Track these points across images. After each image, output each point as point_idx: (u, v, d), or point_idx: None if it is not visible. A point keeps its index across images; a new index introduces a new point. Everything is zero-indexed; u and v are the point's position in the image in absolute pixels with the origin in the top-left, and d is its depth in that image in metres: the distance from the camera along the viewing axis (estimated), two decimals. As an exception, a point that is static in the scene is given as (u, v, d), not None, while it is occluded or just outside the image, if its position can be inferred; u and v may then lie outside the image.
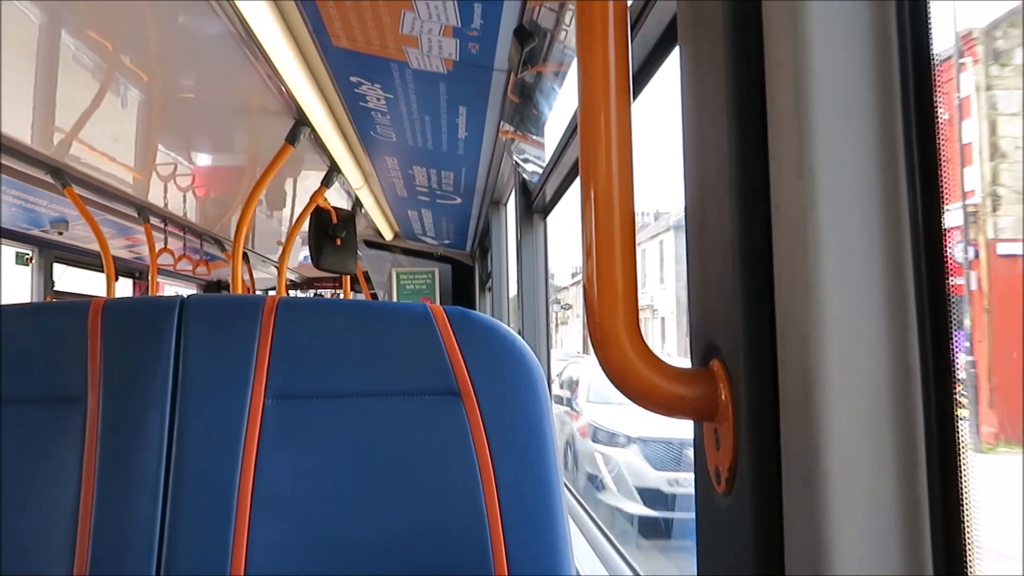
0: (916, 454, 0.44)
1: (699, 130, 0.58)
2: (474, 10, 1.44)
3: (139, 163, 2.76)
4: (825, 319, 0.44)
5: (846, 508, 0.44)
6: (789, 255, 0.48)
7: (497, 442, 0.81)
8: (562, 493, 0.84)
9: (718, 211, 0.53)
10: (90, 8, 1.55)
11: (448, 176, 2.97)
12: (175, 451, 0.79)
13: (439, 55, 1.69)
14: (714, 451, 0.54)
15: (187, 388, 0.81)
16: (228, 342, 0.82)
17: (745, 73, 0.51)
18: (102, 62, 1.83)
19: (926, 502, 0.44)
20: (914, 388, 0.44)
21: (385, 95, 2.04)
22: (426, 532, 0.80)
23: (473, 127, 2.27)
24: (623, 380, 0.53)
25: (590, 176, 0.54)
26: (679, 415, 0.54)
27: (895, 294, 0.45)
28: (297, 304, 0.86)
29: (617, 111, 0.54)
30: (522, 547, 0.80)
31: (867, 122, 0.46)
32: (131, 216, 3.27)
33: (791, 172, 0.47)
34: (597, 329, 0.54)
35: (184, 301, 0.85)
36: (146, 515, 0.77)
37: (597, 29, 0.55)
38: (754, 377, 0.49)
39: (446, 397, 0.82)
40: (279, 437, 0.81)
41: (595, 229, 0.54)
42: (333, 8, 1.51)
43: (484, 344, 0.84)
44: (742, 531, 0.50)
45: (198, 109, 2.30)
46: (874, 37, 0.46)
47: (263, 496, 0.79)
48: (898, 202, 0.45)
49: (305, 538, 0.79)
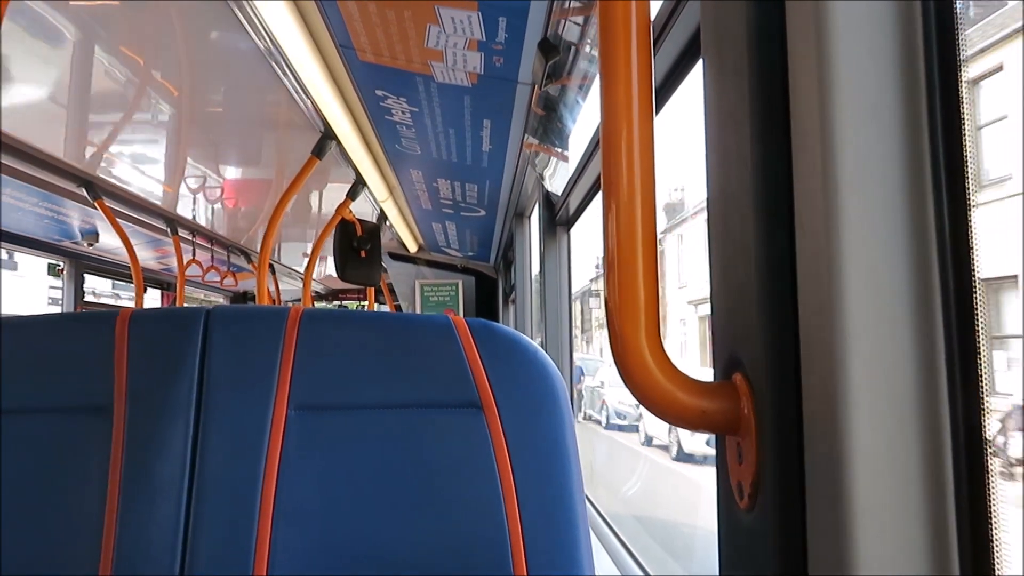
0: (943, 471, 0.43)
1: (722, 141, 0.57)
2: (499, 24, 1.45)
3: (169, 176, 2.80)
4: (849, 332, 0.44)
5: (872, 525, 0.43)
6: (813, 268, 0.47)
7: (519, 455, 0.81)
8: (584, 507, 0.83)
9: (741, 223, 0.53)
10: (123, 24, 1.58)
11: (472, 189, 2.99)
12: (198, 461, 0.80)
13: (464, 68, 1.70)
14: (736, 465, 0.54)
15: (211, 398, 0.82)
16: (252, 353, 0.83)
17: (769, 84, 0.51)
18: (134, 77, 1.86)
19: (954, 520, 0.43)
20: (941, 402, 0.43)
21: (410, 108, 2.06)
22: (446, 544, 0.80)
23: (497, 140, 2.28)
24: (644, 393, 0.53)
25: (612, 189, 0.54)
26: (702, 429, 0.54)
27: (921, 307, 0.44)
28: (320, 315, 0.87)
29: (640, 124, 0.54)
30: (543, 561, 0.79)
31: (892, 133, 0.45)
32: (160, 228, 3.32)
33: (815, 184, 0.47)
34: (618, 342, 0.53)
35: (209, 312, 0.86)
36: (168, 524, 0.78)
37: (620, 42, 0.55)
38: (777, 391, 0.49)
39: (468, 409, 0.82)
40: (301, 448, 0.81)
41: (617, 242, 0.54)
42: (359, 23, 1.53)
43: (506, 357, 0.84)
44: (765, 548, 0.50)
45: (227, 123, 2.34)
46: (899, 46, 0.45)
47: (285, 506, 0.80)
48: (924, 214, 0.45)
49: (326, 548, 0.79)
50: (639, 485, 7.14)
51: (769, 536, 0.49)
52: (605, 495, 5.63)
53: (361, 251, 2.88)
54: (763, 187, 0.51)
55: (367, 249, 2.87)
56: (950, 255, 0.44)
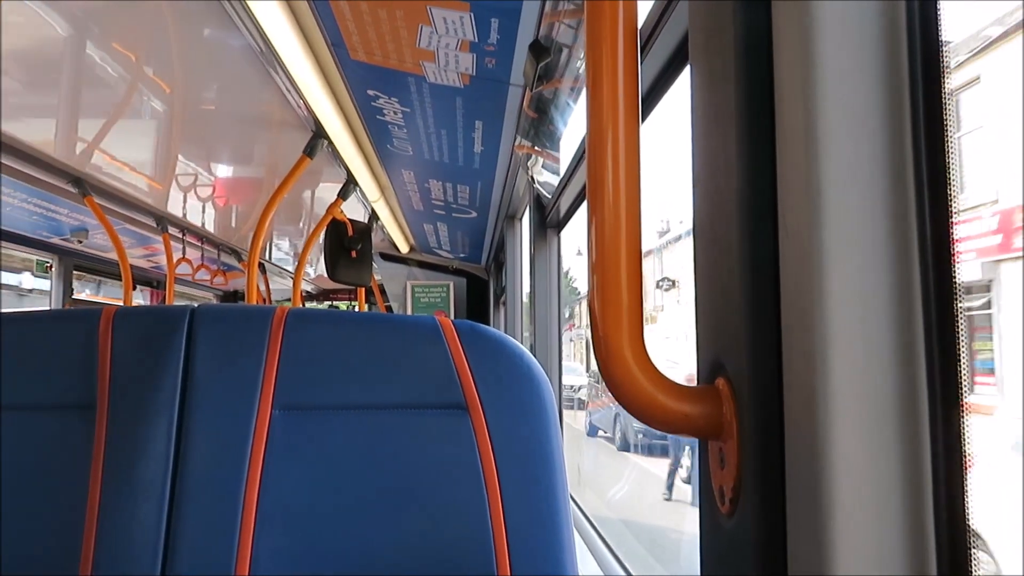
0: (923, 476, 0.43)
1: (709, 146, 0.58)
2: (491, 25, 1.45)
3: (159, 173, 2.79)
4: (831, 338, 0.44)
5: (851, 530, 0.43)
6: (796, 273, 0.47)
7: (503, 457, 0.81)
8: (568, 508, 0.83)
9: (726, 228, 0.53)
10: (115, 20, 1.57)
11: (464, 190, 2.99)
12: (181, 460, 0.79)
13: (456, 69, 1.70)
14: (719, 470, 0.54)
15: (195, 397, 0.81)
16: (237, 352, 0.83)
17: (755, 90, 0.51)
18: (125, 73, 1.85)
19: (931, 524, 0.43)
20: (921, 408, 0.44)
21: (402, 109, 2.05)
22: (431, 546, 0.79)
23: (489, 141, 2.28)
24: (627, 396, 0.53)
25: (597, 194, 0.54)
26: (684, 433, 0.54)
27: (903, 312, 0.44)
28: (307, 315, 0.86)
29: (626, 129, 0.54)
30: (527, 562, 0.79)
31: (876, 138, 0.45)
32: (150, 226, 3.30)
33: (799, 189, 0.47)
34: (602, 345, 0.53)
35: (194, 310, 0.85)
36: (150, 524, 0.78)
37: (607, 47, 0.55)
38: (760, 396, 0.49)
39: (453, 411, 0.82)
40: (286, 448, 0.81)
41: (601, 247, 0.54)
42: (351, 22, 1.52)
43: (492, 358, 0.83)
44: (746, 552, 0.50)
45: (218, 121, 2.33)
46: (884, 52, 0.46)
47: (268, 507, 0.79)
48: (906, 220, 0.45)
49: (310, 549, 0.79)
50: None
51: (750, 541, 0.49)
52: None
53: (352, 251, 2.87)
54: (748, 191, 0.51)
55: (358, 249, 2.87)
56: (932, 259, 0.44)
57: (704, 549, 0.57)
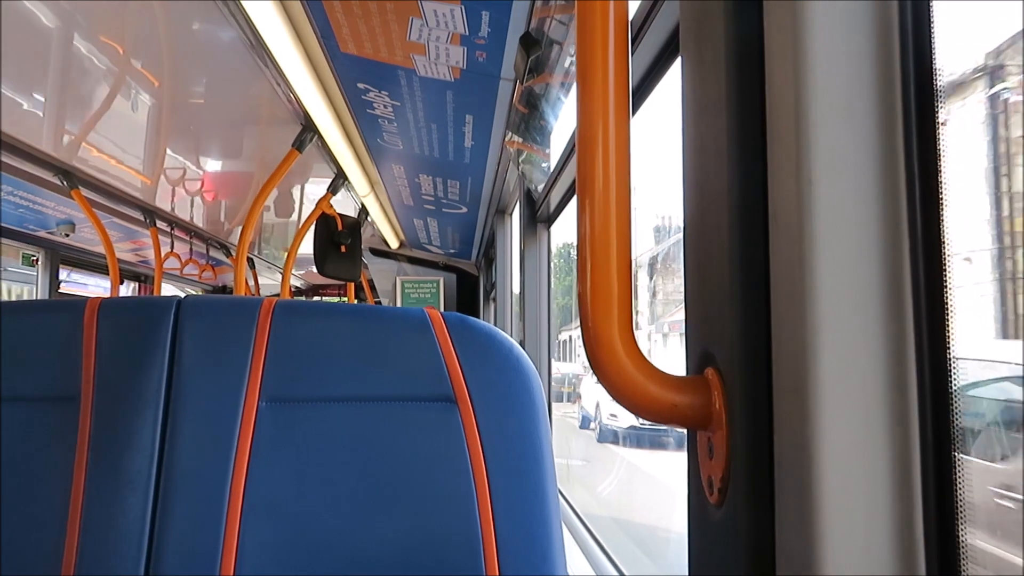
0: (911, 465, 0.43)
1: (699, 136, 0.57)
2: (482, 18, 1.44)
3: (147, 167, 2.77)
4: (820, 328, 0.44)
5: (839, 519, 0.43)
6: (786, 264, 0.47)
7: (492, 449, 0.81)
8: (557, 502, 0.83)
9: (716, 218, 0.53)
10: (102, 12, 1.56)
11: (454, 185, 2.98)
12: (167, 453, 0.79)
13: (446, 63, 1.69)
14: (707, 460, 0.54)
15: (181, 388, 0.81)
16: (223, 343, 0.82)
17: (746, 80, 0.51)
18: (113, 65, 1.84)
19: (920, 513, 0.43)
20: (910, 398, 0.44)
21: (392, 102, 2.04)
22: (418, 538, 0.79)
23: (480, 136, 2.27)
24: (616, 387, 0.53)
25: (587, 187, 0.54)
26: (673, 423, 0.54)
27: (892, 303, 0.44)
28: (294, 307, 0.86)
29: (616, 122, 0.54)
30: (515, 555, 0.79)
31: (867, 130, 0.45)
32: (138, 220, 3.28)
33: (789, 179, 0.47)
34: (591, 336, 0.53)
35: (180, 301, 0.84)
36: (135, 516, 0.77)
37: (597, 40, 0.55)
38: (748, 386, 0.49)
39: (442, 403, 0.81)
40: (272, 440, 0.80)
41: (591, 238, 0.54)
42: (341, 14, 1.52)
43: (482, 351, 0.83)
44: (734, 543, 0.50)
45: (207, 114, 2.31)
46: (875, 44, 0.46)
47: (254, 499, 0.79)
48: (897, 211, 0.45)
49: (296, 542, 0.79)
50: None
51: (738, 531, 0.49)
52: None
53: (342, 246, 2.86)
54: (739, 182, 0.51)
55: (347, 244, 2.85)
56: (922, 252, 0.44)
57: (692, 539, 0.57)
